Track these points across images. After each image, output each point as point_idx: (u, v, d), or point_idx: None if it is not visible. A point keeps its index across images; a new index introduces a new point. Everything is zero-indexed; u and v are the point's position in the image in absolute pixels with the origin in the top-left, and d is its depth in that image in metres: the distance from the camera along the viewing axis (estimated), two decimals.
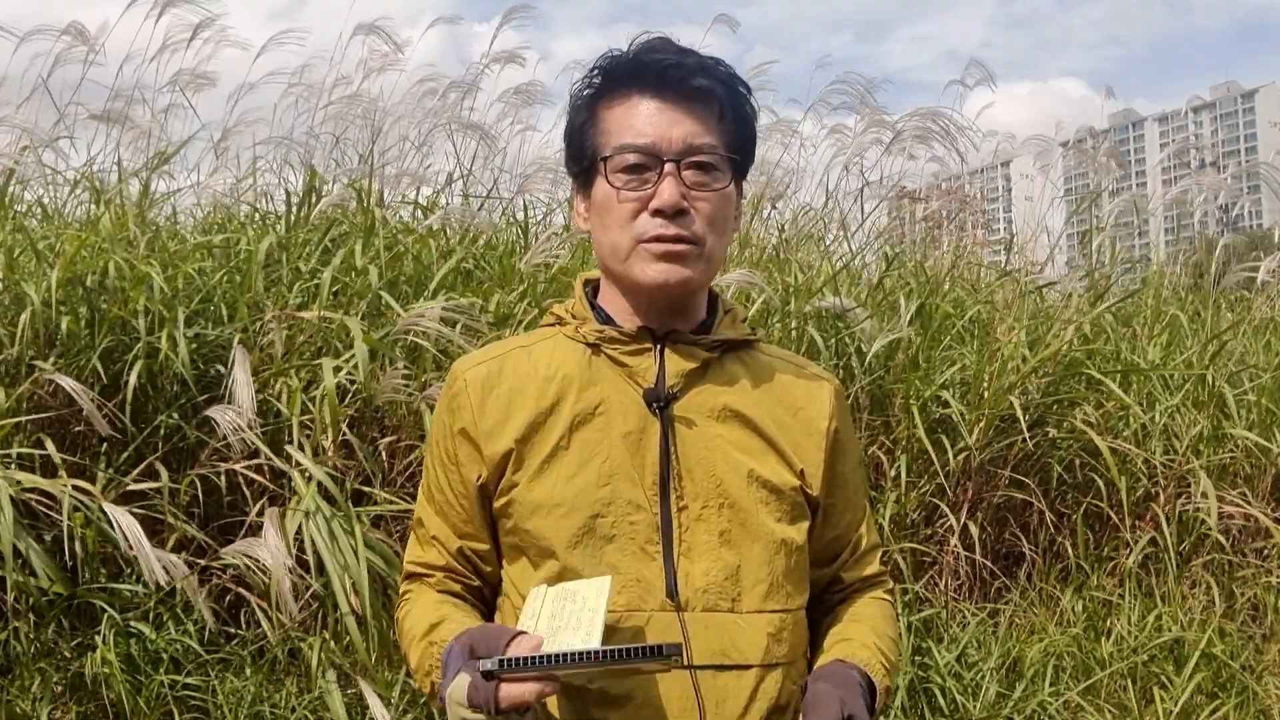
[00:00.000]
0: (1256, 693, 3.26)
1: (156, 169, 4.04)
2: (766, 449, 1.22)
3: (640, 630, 1.13)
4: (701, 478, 1.18)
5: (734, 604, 1.16)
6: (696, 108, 1.18)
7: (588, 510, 1.16)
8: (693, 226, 1.17)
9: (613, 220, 1.19)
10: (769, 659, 1.16)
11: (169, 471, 2.86)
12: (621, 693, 1.12)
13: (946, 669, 3.05)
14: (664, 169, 1.16)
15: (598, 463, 1.18)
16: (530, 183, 4.28)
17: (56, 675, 2.57)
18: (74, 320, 3.03)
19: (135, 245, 3.37)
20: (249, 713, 2.56)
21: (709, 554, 1.16)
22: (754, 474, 1.19)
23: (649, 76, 1.18)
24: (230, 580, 2.79)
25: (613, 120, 1.19)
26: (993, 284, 4.51)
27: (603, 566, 1.14)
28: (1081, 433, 3.68)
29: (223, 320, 3.28)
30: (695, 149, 1.17)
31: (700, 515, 1.17)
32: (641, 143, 1.17)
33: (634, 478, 1.17)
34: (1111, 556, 3.69)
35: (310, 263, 3.57)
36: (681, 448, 1.18)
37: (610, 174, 1.18)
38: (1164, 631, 3.37)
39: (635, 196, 1.17)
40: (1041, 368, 3.83)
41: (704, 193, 1.18)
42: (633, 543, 1.15)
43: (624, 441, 1.18)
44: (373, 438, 3.09)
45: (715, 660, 1.13)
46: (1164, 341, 4.39)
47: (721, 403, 1.22)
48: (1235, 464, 3.97)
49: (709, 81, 1.18)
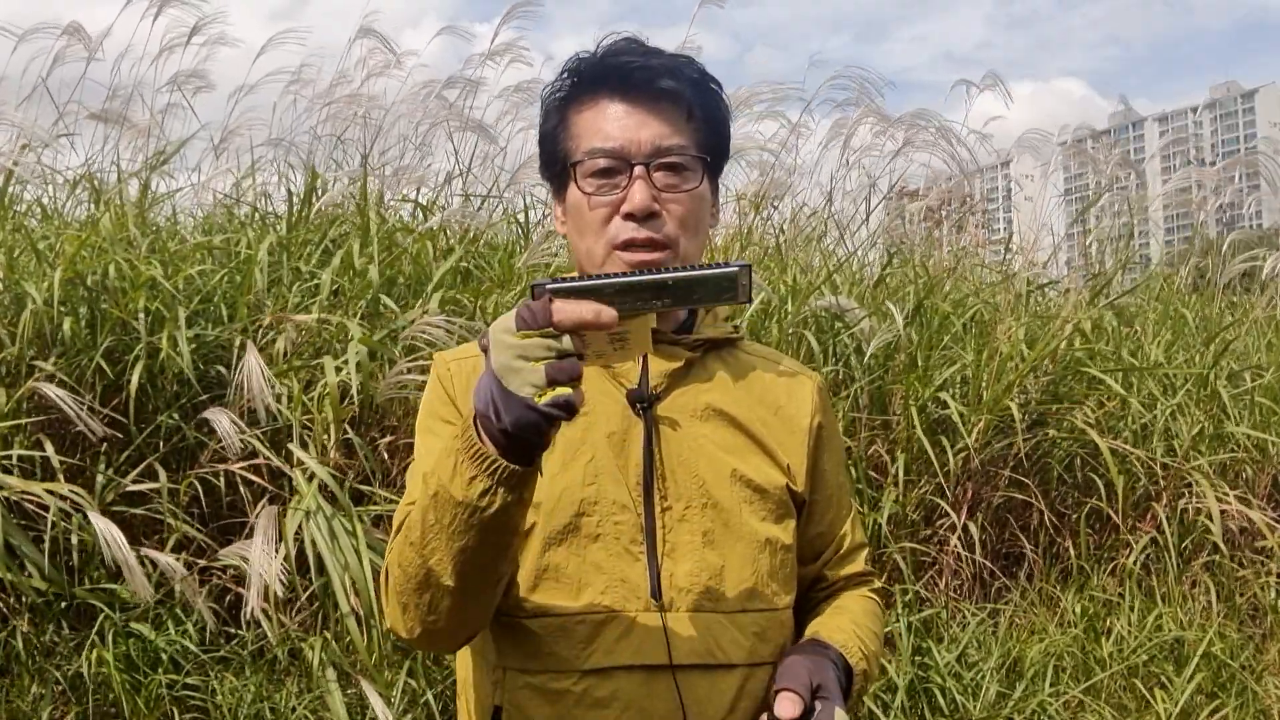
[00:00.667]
0: (1256, 693, 3.26)
1: (156, 169, 4.04)
2: (751, 447, 1.21)
3: (627, 629, 1.12)
4: (684, 478, 1.17)
5: (717, 604, 1.15)
6: (665, 108, 1.18)
7: (572, 508, 1.15)
8: (664, 229, 1.17)
9: (586, 225, 1.19)
10: (754, 659, 1.16)
11: (169, 472, 2.86)
12: (605, 695, 1.12)
13: (946, 669, 3.05)
14: (633, 172, 1.16)
15: (582, 462, 1.17)
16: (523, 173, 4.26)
17: (56, 675, 2.57)
18: (75, 320, 3.03)
19: (136, 246, 3.37)
20: (249, 713, 2.56)
21: (692, 554, 1.16)
22: (737, 473, 1.19)
23: (615, 79, 1.18)
24: (230, 580, 2.80)
25: (582, 124, 1.19)
26: (994, 284, 4.51)
27: (587, 566, 1.14)
28: (1081, 433, 3.68)
29: (223, 320, 3.28)
30: (664, 150, 1.17)
31: (684, 516, 1.17)
32: (610, 146, 1.16)
33: (618, 478, 1.17)
34: (1112, 557, 3.69)
35: (310, 263, 3.57)
36: (665, 448, 1.18)
37: (581, 179, 1.18)
38: (1164, 631, 3.37)
39: (606, 201, 1.17)
40: (1040, 367, 3.83)
41: (675, 194, 1.18)
42: (617, 543, 1.15)
43: (608, 442, 1.18)
44: (372, 438, 3.09)
45: (698, 660, 1.13)
46: (1167, 341, 4.39)
47: (704, 402, 1.22)
48: (1236, 464, 3.97)
49: (675, 82, 1.18)
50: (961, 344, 3.94)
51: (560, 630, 1.13)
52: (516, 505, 0.99)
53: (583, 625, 1.13)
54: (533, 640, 1.14)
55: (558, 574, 1.14)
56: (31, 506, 2.64)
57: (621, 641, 1.12)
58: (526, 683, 1.13)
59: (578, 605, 1.13)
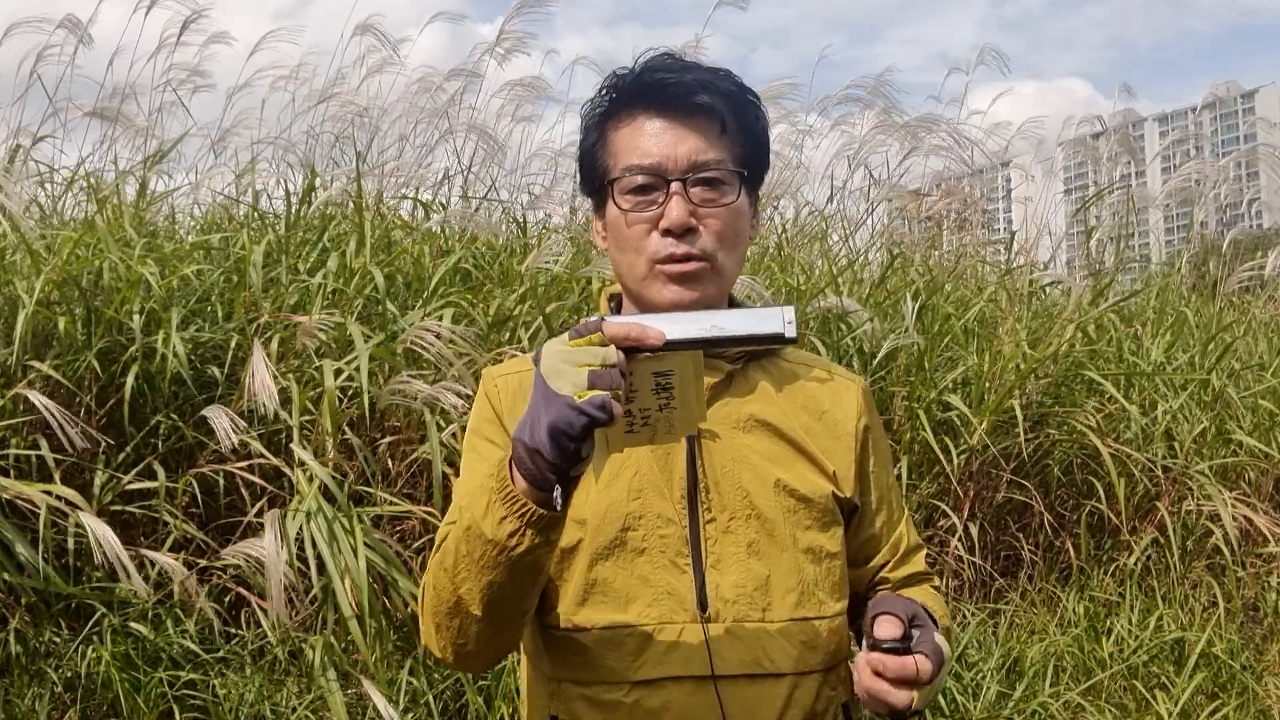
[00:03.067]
0: (1257, 693, 3.26)
1: (152, 167, 4.02)
2: (795, 456, 1.22)
3: (675, 640, 1.15)
4: (728, 490, 1.18)
5: (764, 614, 1.16)
6: (700, 123, 1.19)
7: (619, 523, 1.17)
8: (702, 243, 1.18)
9: (626, 242, 1.20)
10: (801, 667, 1.16)
11: (167, 472, 2.85)
12: (657, 705, 1.13)
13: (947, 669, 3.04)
14: (670, 188, 1.17)
15: (627, 476, 1.18)
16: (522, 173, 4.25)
17: (54, 676, 2.56)
18: (70, 321, 3.02)
19: (131, 245, 3.36)
20: (249, 713, 2.56)
21: (738, 565, 1.17)
22: (781, 483, 1.20)
23: (652, 96, 1.19)
24: (230, 580, 2.79)
25: (620, 141, 1.21)
26: (996, 284, 4.51)
27: (634, 579, 1.16)
28: (1082, 435, 3.67)
29: (218, 320, 3.27)
30: (700, 165, 1.18)
31: (728, 527, 1.18)
32: (647, 163, 1.18)
33: (663, 492, 1.18)
34: (1113, 558, 3.68)
35: (308, 263, 3.56)
36: (708, 460, 1.19)
37: (618, 196, 1.20)
38: (1164, 632, 3.36)
39: (644, 217, 1.18)
40: (1042, 368, 3.82)
41: (712, 208, 1.18)
42: (663, 556, 1.16)
43: (652, 456, 1.19)
44: (373, 438, 3.08)
45: (746, 670, 1.14)
46: (1168, 341, 4.38)
47: (747, 413, 1.22)
48: (1238, 465, 3.96)
49: (710, 97, 1.18)
50: (963, 345, 3.93)
51: (610, 643, 1.15)
52: (544, 548, 1.02)
53: (632, 638, 1.15)
54: (584, 653, 1.16)
55: (606, 588, 1.16)
56: (26, 506, 2.63)
57: (670, 653, 1.14)
58: (580, 694, 1.16)
59: (626, 618, 1.15)
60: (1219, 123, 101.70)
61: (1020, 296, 4.36)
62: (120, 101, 4.08)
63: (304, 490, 2.61)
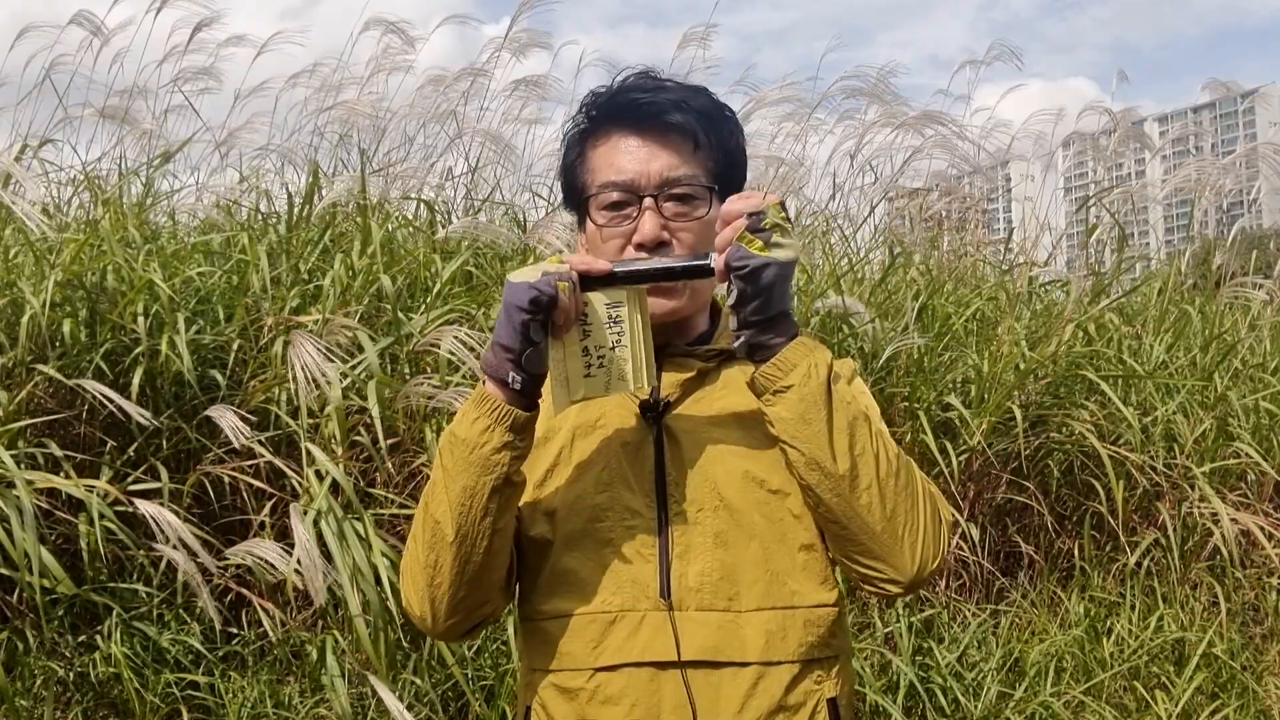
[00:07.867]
0: (1257, 693, 3.26)
1: (158, 168, 4.03)
2: (766, 447, 1.22)
3: (636, 627, 1.18)
4: (697, 481, 1.21)
5: (730, 602, 1.18)
6: (673, 141, 1.24)
7: (586, 515, 1.21)
8: (675, 256, 1.23)
9: (602, 255, 1.24)
10: (770, 657, 1.17)
11: (171, 473, 2.86)
12: (616, 691, 1.16)
13: (948, 669, 3.05)
14: (643, 204, 1.23)
15: (596, 471, 1.22)
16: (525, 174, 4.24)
17: (60, 674, 2.57)
18: (74, 323, 3.02)
19: (135, 247, 3.36)
20: (254, 712, 2.57)
21: (704, 555, 1.19)
22: (750, 474, 1.22)
23: (627, 115, 1.25)
24: (232, 580, 2.80)
25: (597, 159, 1.27)
26: (996, 283, 4.51)
27: (600, 569, 1.19)
28: (1082, 437, 3.67)
29: (219, 321, 3.28)
30: (672, 181, 1.23)
31: (696, 519, 1.20)
32: (621, 180, 1.23)
33: (631, 484, 1.21)
34: (1114, 558, 3.69)
35: (309, 263, 3.56)
36: (677, 454, 1.22)
37: (595, 211, 1.26)
38: (1165, 632, 3.37)
39: (619, 232, 1.24)
40: (1041, 368, 3.83)
41: (684, 222, 1.24)
42: (630, 546, 1.20)
43: (623, 451, 1.23)
44: (374, 440, 3.08)
45: (707, 657, 1.16)
46: (1169, 340, 4.37)
47: (718, 407, 1.25)
48: (1239, 466, 3.96)
49: (683, 115, 1.24)
50: (963, 344, 3.93)
51: (573, 630, 1.19)
52: (512, 450, 1.15)
53: (594, 624, 1.18)
54: (552, 641, 1.20)
55: (572, 578, 1.20)
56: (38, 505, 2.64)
57: (630, 639, 1.17)
58: (550, 682, 1.21)
59: (590, 606, 1.19)
60: (1219, 123, 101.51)
61: (1020, 296, 4.36)
62: (129, 101, 4.09)
63: (315, 489, 2.62)
